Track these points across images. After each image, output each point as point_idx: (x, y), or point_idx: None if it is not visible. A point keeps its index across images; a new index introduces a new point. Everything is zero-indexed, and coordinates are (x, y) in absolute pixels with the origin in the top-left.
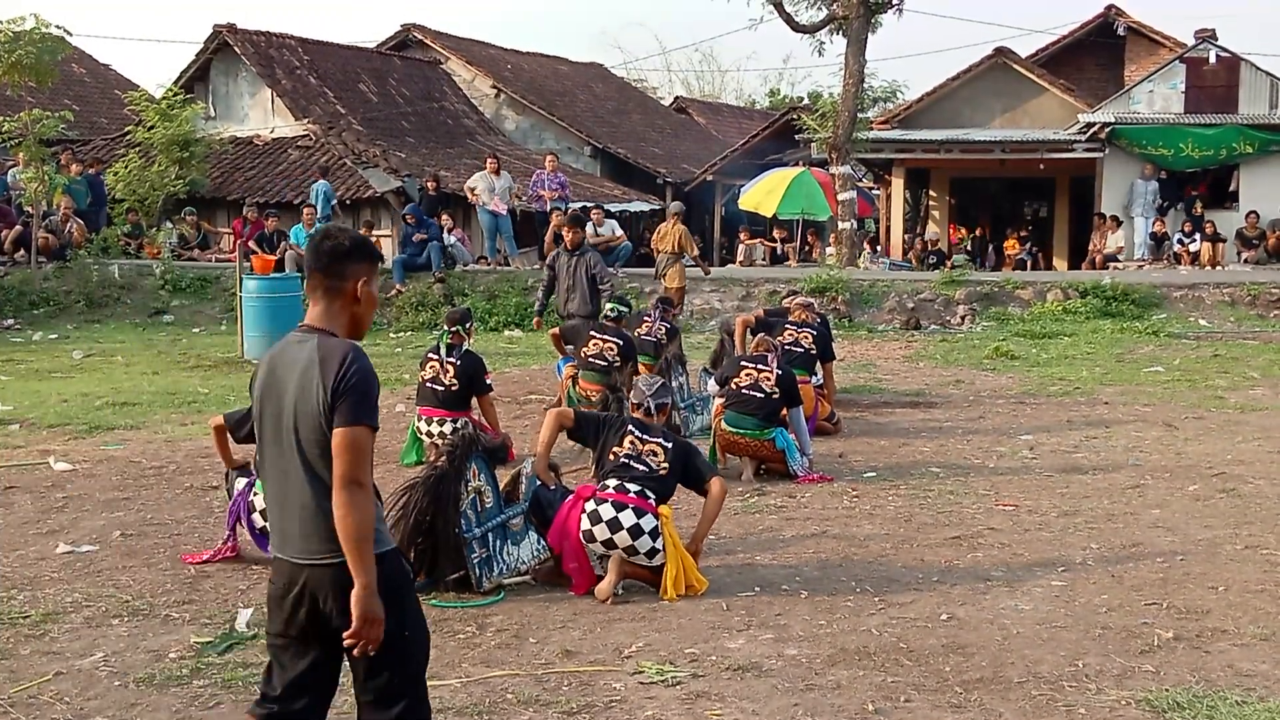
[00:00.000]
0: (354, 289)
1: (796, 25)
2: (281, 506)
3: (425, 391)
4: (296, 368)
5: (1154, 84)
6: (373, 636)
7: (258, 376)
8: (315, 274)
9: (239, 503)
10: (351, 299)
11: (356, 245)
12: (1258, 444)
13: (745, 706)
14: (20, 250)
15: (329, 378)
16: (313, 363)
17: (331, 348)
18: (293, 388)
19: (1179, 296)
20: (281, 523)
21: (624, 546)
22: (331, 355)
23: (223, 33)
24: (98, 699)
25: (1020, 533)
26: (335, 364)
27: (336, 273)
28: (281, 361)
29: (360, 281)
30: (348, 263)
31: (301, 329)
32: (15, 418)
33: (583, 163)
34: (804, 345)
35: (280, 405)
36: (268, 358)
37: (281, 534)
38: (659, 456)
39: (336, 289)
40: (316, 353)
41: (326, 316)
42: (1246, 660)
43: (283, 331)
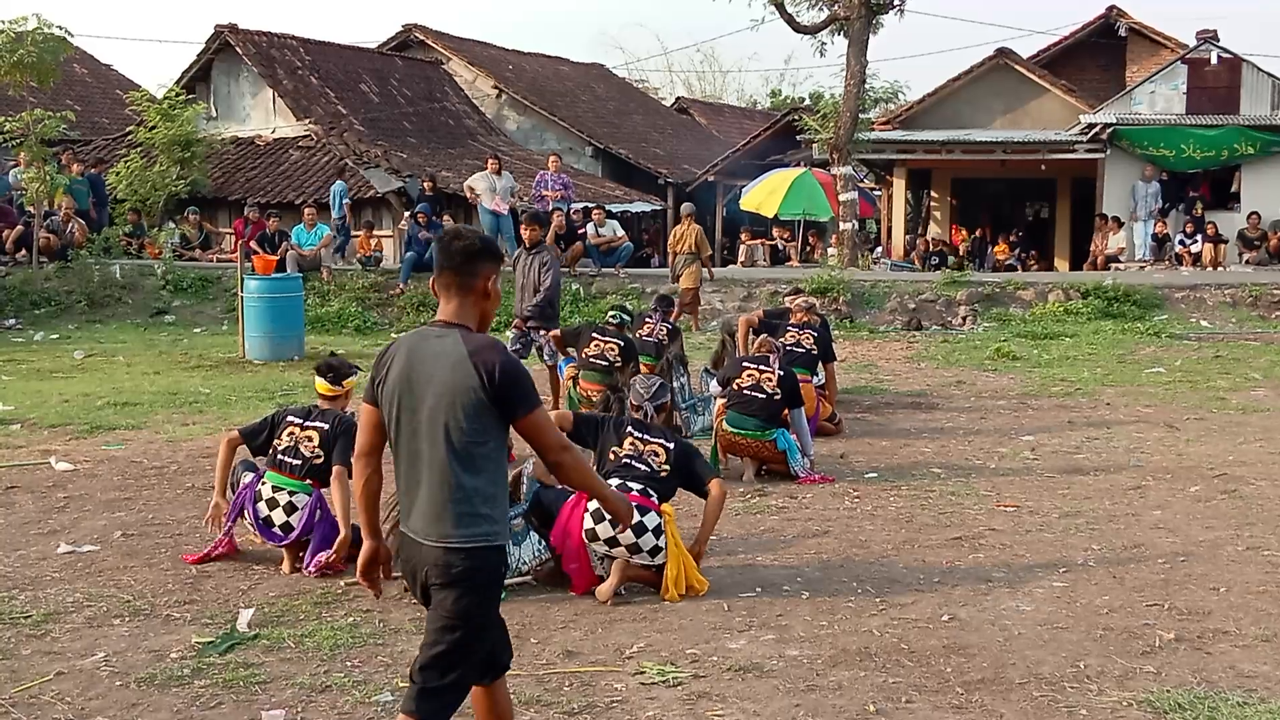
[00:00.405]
0: (483, 285)
1: (798, 26)
2: (413, 488)
3: None
4: (443, 361)
5: (1155, 85)
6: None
7: (390, 369)
8: (447, 272)
9: (244, 494)
10: (481, 295)
11: (485, 245)
12: (1259, 445)
13: (746, 707)
14: (22, 250)
15: (485, 374)
16: (462, 357)
17: (478, 343)
18: (441, 380)
19: (1180, 297)
20: (410, 503)
21: (627, 544)
22: (481, 350)
23: (224, 33)
24: (99, 699)
25: (1022, 534)
26: (487, 360)
27: (468, 271)
28: (421, 355)
29: (489, 279)
30: (478, 261)
31: (436, 324)
32: (17, 418)
33: (584, 163)
34: (805, 346)
35: (422, 394)
36: (404, 350)
37: (408, 512)
38: (660, 457)
39: (468, 286)
40: (463, 346)
41: (460, 312)
42: (1248, 661)
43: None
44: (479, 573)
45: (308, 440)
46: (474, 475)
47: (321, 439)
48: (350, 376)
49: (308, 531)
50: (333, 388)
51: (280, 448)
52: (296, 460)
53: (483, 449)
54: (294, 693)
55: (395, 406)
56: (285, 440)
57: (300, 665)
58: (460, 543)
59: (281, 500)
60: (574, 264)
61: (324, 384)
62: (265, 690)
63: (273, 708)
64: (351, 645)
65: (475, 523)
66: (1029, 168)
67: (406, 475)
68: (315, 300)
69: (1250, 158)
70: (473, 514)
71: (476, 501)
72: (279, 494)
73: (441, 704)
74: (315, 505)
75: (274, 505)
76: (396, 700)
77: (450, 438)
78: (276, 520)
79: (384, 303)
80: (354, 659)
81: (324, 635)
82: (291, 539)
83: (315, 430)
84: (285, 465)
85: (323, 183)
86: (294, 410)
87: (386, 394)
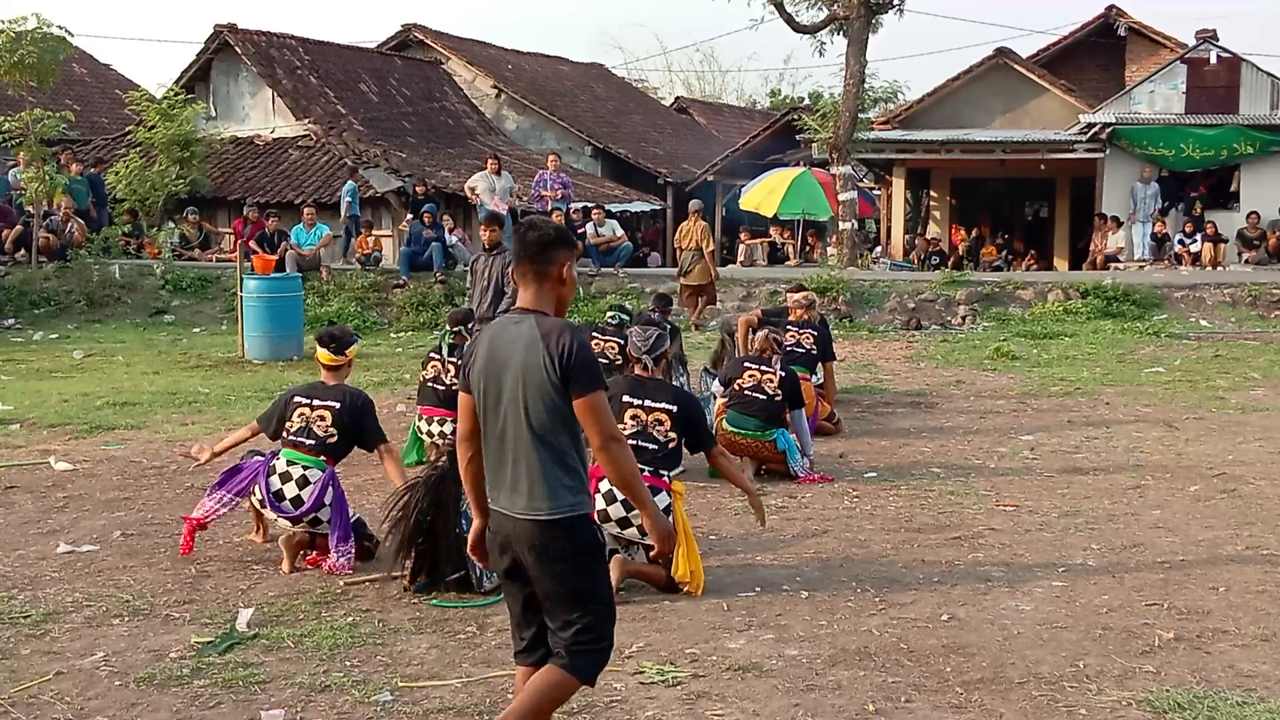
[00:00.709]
0: (559, 273)
1: (797, 25)
2: (499, 467)
3: (427, 391)
4: (519, 344)
5: (1155, 84)
6: (666, 549)
7: (476, 355)
8: (524, 261)
9: (259, 465)
10: (558, 281)
11: (560, 234)
12: (1259, 444)
13: (746, 707)
14: (21, 250)
15: (554, 353)
16: (535, 339)
17: (550, 326)
18: (517, 362)
19: (1180, 297)
20: (497, 480)
21: (638, 524)
22: (551, 332)
23: (223, 33)
24: (98, 699)
25: (1021, 533)
26: (557, 340)
27: (545, 259)
28: (501, 340)
29: (564, 266)
30: (553, 250)
31: (515, 311)
32: (16, 417)
33: (583, 163)
34: (805, 346)
35: (503, 378)
36: (486, 338)
37: (496, 489)
38: (665, 425)
39: (544, 273)
40: (537, 329)
41: (537, 298)
42: (1247, 661)
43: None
44: (573, 542)
45: (320, 420)
46: (553, 451)
47: (334, 418)
48: (352, 345)
49: (318, 507)
50: (335, 357)
51: (292, 430)
52: (311, 440)
53: (559, 426)
54: (293, 692)
55: (481, 391)
56: (296, 422)
57: (300, 665)
58: (549, 515)
59: (295, 474)
60: None
61: (326, 353)
62: (265, 690)
63: (272, 707)
64: (351, 645)
65: (560, 495)
66: (1028, 167)
67: (494, 454)
68: (314, 300)
69: (1249, 157)
70: (557, 487)
71: (560, 475)
72: (292, 468)
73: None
74: (327, 482)
75: (286, 479)
76: (396, 700)
77: (529, 417)
78: (288, 494)
79: (383, 302)
80: (353, 659)
81: (323, 635)
82: (301, 513)
83: (326, 409)
84: (300, 444)
85: (322, 182)
86: (299, 390)
87: (474, 380)
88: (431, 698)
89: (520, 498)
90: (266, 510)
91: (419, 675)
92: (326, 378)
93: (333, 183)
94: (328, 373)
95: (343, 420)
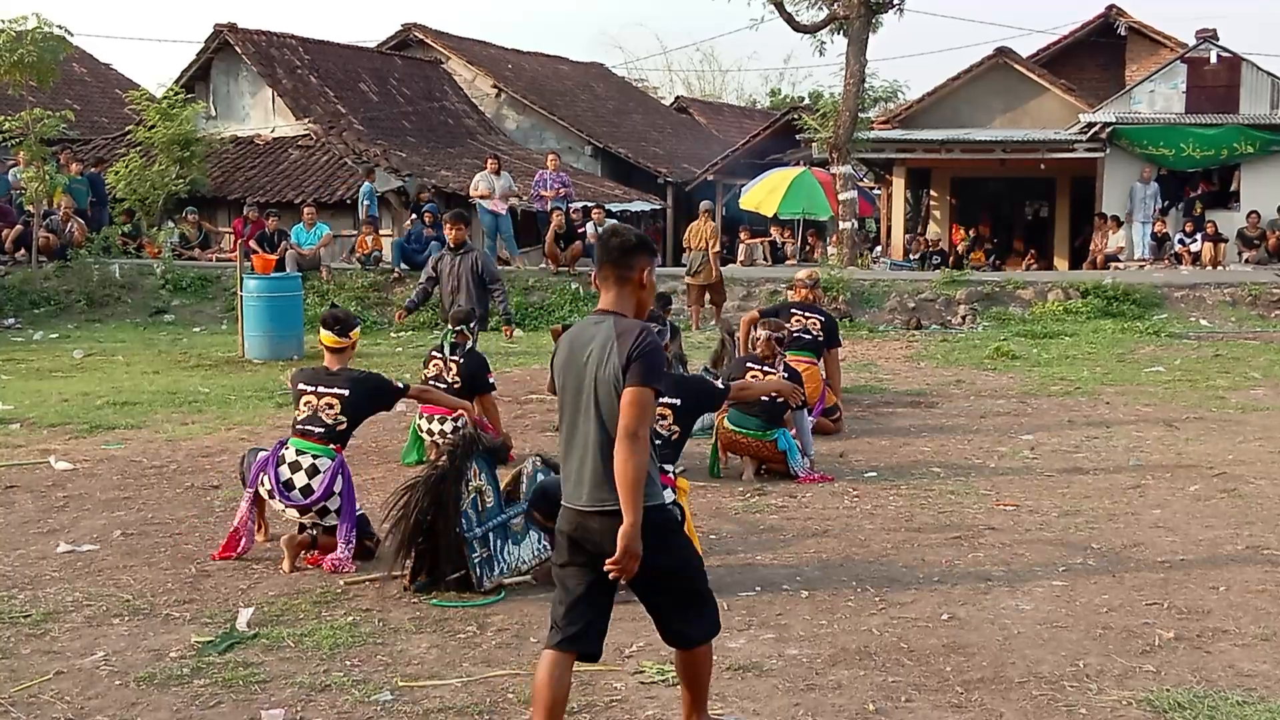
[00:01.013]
0: (639, 277)
1: (797, 25)
2: (576, 462)
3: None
4: (596, 343)
5: (1155, 84)
6: (628, 569)
7: (559, 354)
8: (606, 265)
9: (268, 457)
10: (638, 285)
11: (640, 241)
12: (1259, 444)
13: (746, 706)
14: (21, 249)
15: (625, 350)
16: (610, 338)
17: (627, 326)
18: (593, 360)
19: (1180, 296)
20: (575, 475)
21: None
22: (627, 332)
23: (223, 32)
24: (98, 698)
25: (1021, 532)
26: (630, 338)
27: (626, 264)
28: (580, 340)
29: (644, 271)
30: (634, 256)
31: (597, 312)
32: (16, 417)
33: (583, 162)
34: (812, 333)
35: (580, 376)
36: (567, 338)
37: (574, 485)
38: (668, 419)
39: (625, 278)
40: (614, 329)
41: (618, 301)
42: (1247, 660)
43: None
44: (650, 531)
45: (328, 408)
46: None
47: (344, 406)
48: (355, 327)
49: (327, 496)
50: (339, 339)
51: (300, 418)
52: (319, 429)
53: None
54: (293, 692)
55: (562, 388)
56: (304, 411)
57: (300, 664)
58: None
59: (305, 464)
60: (573, 263)
61: (331, 336)
62: (265, 689)
63: (272, 707)
64: (351, 644)
65: None
66: (1028, 167)
67: (569, 449)
68: (315, 299)
69: (1250, 157)
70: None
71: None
72: (302, 457)
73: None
74: (337, 470)
75: (296, 469)
76: (396, 699)
77: (601, 413)
78: (298, 483)
79: (383, 302)
80: (353, 658)
81: (323, 634)
82: (310, 502)
83: (334, 397)
84: (309, 434)
85: (322, 182)
86: (303, 377)
87: (556, 377)
88: (432, 697)
89: (595, 490)
90: (275, 500)
91: (419, 675)
92: (330, 361)
93: (332, 182)
94: (332, 356)
95: (354, 407)
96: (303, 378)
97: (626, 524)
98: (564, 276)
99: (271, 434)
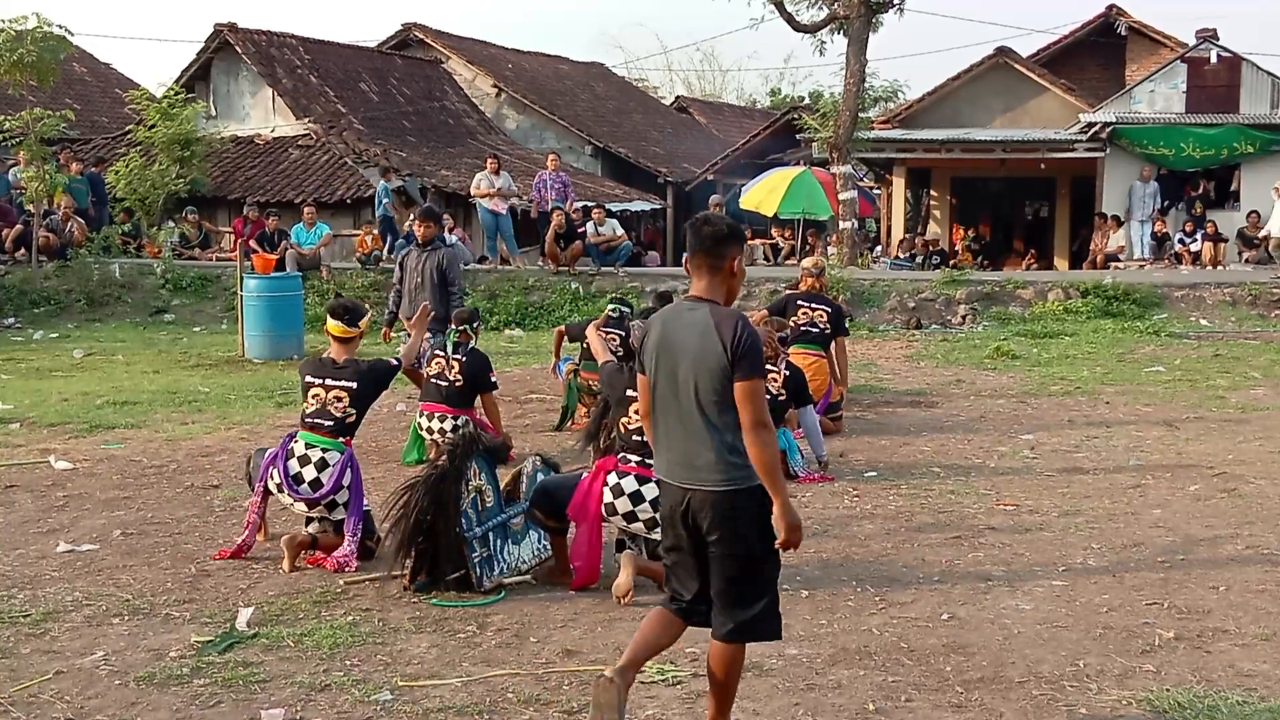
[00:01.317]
0: (730, 266)
1: (797, 25)
2: (672, 442)
3: (430, 387)
4: (694, 330)
5: (1155, 84)
6: (794, 540)
7: (649, 338)
8: (699, 254)
9: (277, 452)
10: (729, 274)
11: (732, 230)
12: (1259, 444)
13: (746, 706)
14: (21, 249)
15: (727, 340)
16: (709, 326)
17: (723, 315)
18: (691, 347)
19: (1180, 296)
20: (670, 455)
21: (645, 519)
22: (725, 321)
23: (224, 32)
24: (98, 698)
25: (1021, 532)
26: (730, 329)
27: (717, 253)
28: (674, 325)
29: (735, 260)
30: (726, 244)
31: (689, 299)
32: (16, 416)
33: (584, 162)
34: (819, 325)
35: (676, 361)
36: (659, 322)
37: (670, 464)
38: None
39: (717, 266)
40: (711, 318)
41: (710, 288)
42: (1247, 660)
43: (284, 330)
44: (740, 512)
45: (337, 401)
46: (720, 429)
47: (352, 398)
48: (364, 317)
49: (336, 489)
50: (348, 329)
51: (309, 411)
52: (329, 422)
53: (727, 406)
54: (293, 691)
55: (654, 371)
56: (313, 404)
57: (299, 664)
58: (715, 487)
59: (314, 457)
60: (573, 263)
61: (340, 325)
62: (264, 689)
63: (272, 707)
64: (351, 644)
65: (727, 469)
66: (1028, 167)
67: (665, 429)
68: (315, 299)
69: (1250, 156)
70: (723, 462)
71: (725, 450)
72: (311, 451)
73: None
74: (346, 463)
75: (305, 462)
76: (396, 699)
77: (699, 396)
78: (306, 476)
79: (383, 301)
80: (353, 658)
81: (323, 634)
82: (320, 495)
83: (342, 390)
84: (319, 427)
85: (322, 182)
86: (311, 369)
87: (647, 361)
88: (431, 697)
89: (692, 469)
90: (284, 494)
91: (419, 674)
92: (337, 351)
93: (333, 182)
94: (340, 346)
95: (362, 398)
96: (310, 370)
97: (778, 505)
98: (564, 276)
99: (271, 433)
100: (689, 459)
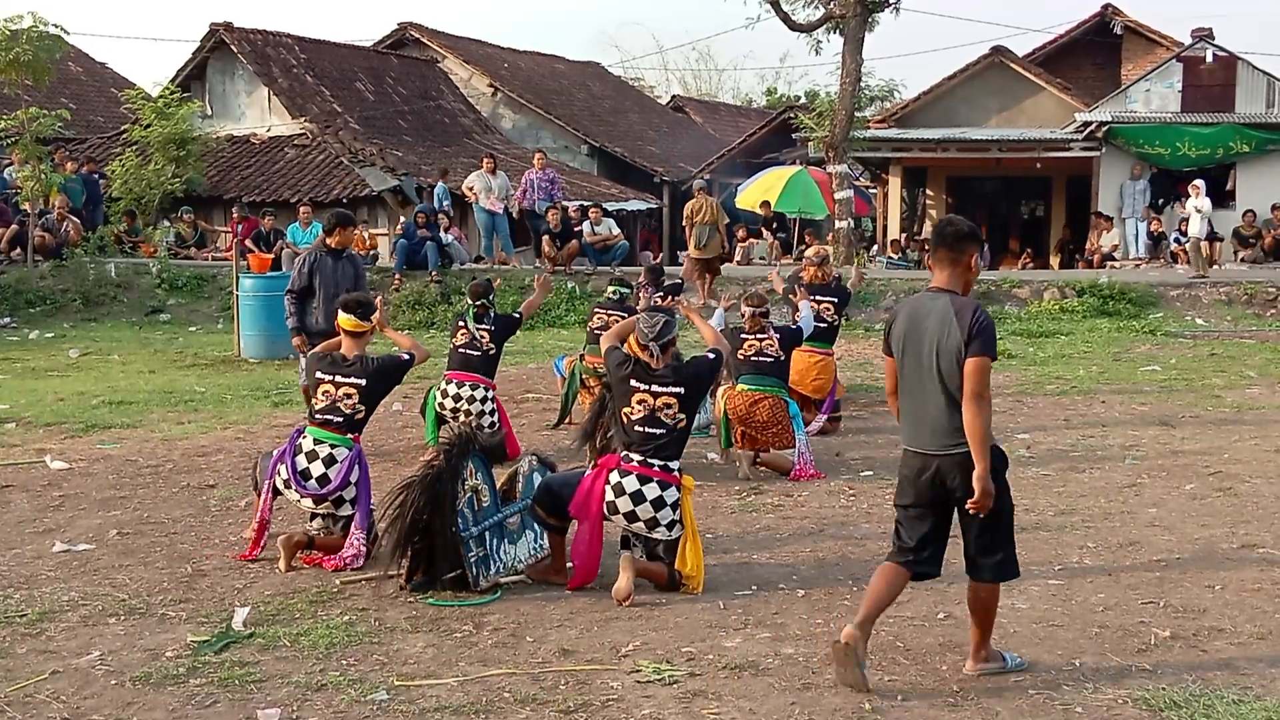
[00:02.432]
0: (968, 261)
1: (793, 24)
2: (917, 414)
3: (457, 357)
4: (934, 317)
5: (1151, 83)
6: (986, 505)
7: (896, 325)
8: (941, 250)
9: (286, 447)
10: (966, 268)
11: (971, 230)
12: (1254, 443)
13: (742, 705)
14: (16, 249)
15: (965, 325)
16: (949, 314)
17: (963, 304)
18: (932, 331)
19: (1175, 295)
20: (916, 425)
21: (646, 519)
22: (964, 309)
23: (219, 31)
24: (94, 698)
25: (1017, 531)
26: (969, 315)
27: (958, 249)
28: (918, 313)
29: (973, 257)
30: (965, 243)
31: (931, 290)
32: (12, 416)
33: (579, 161)
34: (827, 319)
35: (920, 344)
36: (905, 310)
37: (915, 433)
38: (674, 408)
39: (957, 261)
40: (951, 307)
41: (950, 280)
42: (1243, 659)
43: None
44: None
45: (346, 398)
46: (958, 404)
47: (361, 395)
48: (375, 311)
49: (344, 485)
50: (360, 323)
51: (318, 408)
52: (338, 418)
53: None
54: (289, 691)
55: (901, 354)
56: (322, 400)
57: (296, 664)
58: (964, 450)
59: (322, 453)
60: (569, 262)
61: (352, 319)
62: (260, 689)
63: (268, 706)
64: (347, 644)
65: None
66: (1024, 166)
67: (913, 405)
68: None
69: (1245, 156)
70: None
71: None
72: (319, 446)
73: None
74: (354, 460)
75: (313, 458)
76: (392, 699)
77: (943, 375)
78: (314, 472)
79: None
80: (349, 657)
81: (320, 634)
82: (327, 491)
83: (352, 387)
84: (329, 423)
85: (318, 181)
86: (321, 364)
87: (894, 345)
88: (427, 696)
89: (939, 437)
90: (291, 490)
91: (415, 674)
92: (348, 346)
93: (329, 181)
94: (351, 340)
95: (371, 394)
96: (320, 365)
97: (979, 469)
98: (560, 275)
99: (267, 433)
100: (936, 429)
